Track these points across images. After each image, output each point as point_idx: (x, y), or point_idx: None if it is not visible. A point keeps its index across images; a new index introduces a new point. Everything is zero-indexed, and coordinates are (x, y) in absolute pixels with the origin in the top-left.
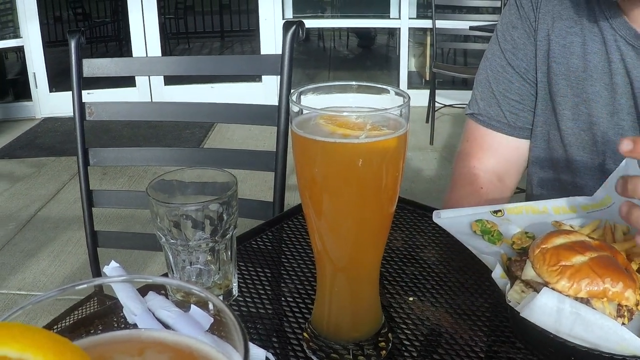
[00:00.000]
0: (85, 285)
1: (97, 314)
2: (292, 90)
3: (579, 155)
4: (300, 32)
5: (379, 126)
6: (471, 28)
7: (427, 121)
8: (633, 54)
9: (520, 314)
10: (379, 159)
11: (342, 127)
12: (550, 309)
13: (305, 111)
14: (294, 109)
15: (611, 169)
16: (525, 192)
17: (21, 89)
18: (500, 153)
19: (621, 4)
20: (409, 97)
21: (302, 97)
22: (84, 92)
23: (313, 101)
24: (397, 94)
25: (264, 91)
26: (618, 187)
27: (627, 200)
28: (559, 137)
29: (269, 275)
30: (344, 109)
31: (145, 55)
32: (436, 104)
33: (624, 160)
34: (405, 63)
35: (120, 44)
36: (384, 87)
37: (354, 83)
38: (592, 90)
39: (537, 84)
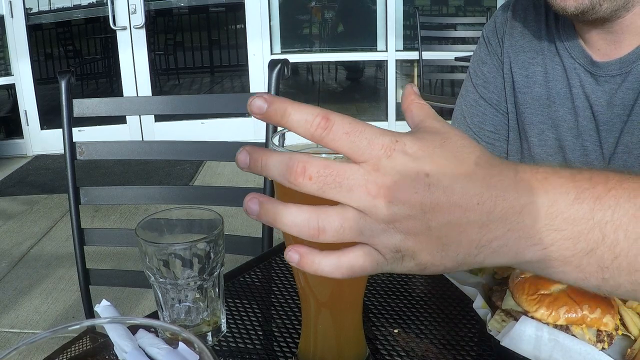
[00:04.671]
0: (77, 326)
1: (89, 352)
2: (277, 131)
3: None
4: (286, 70)
5: None
6: (456, 59)
7: None
8: (591, 79)
9: (501, 343)
10: None
11: None
12: (529, 337)
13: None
14: (276, 150)
15: None
16: None
17: (13, 127)
18: None
19: (578, 29)
20: None
21: (286, 136)
22: (75, 130)
23: (296, 140)
24: None
25: (253, 126)
26: (241, 160)
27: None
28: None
29: (257, 311)
30: (323, 149)
31: (135, 92)
32: None
33: None
34: (394, 95)
35: (110, 81)
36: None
37: None
38: (557, 116)
39: (508, 114)
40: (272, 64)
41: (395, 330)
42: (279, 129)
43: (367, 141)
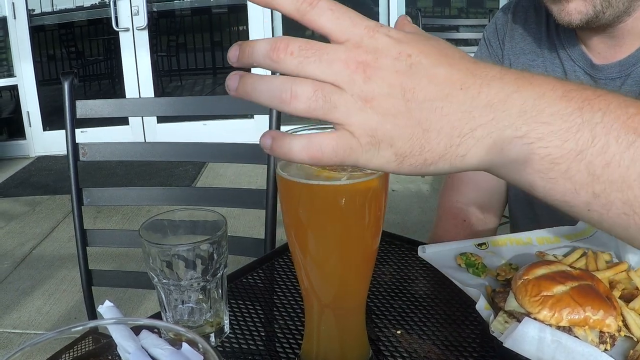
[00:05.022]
0: (80, 327)
1: (93, 353)
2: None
3: None
4: None
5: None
6: None
7: None
8: (591, 82)
9: (504, 344)
10: (361, 199)
11: (325, 169)
12: (532, 338)
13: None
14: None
15: None
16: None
17: (15, 128)
18: (480, 186)
19: (579, 33)
20: None
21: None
22: (77, 131)
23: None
24: None
25: (256, 127)
26: (232, 54)
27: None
28: None
29: (260, 312)
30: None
31: (137, 93)
32: None
33: None
34: None
35: (113, 82)
36: None
37: None
38: None
39: None
40: None
41: (398, 332)
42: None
43: (351, 20)
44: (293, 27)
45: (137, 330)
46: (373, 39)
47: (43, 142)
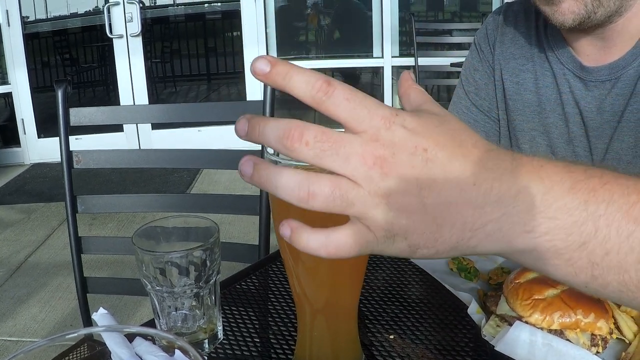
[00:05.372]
0: (74, 335)
1: None
2: None
3: None
4: None
5: None
6: (452, 65)
7: None
8: (580, 85)
9: (495, 348)
10: None
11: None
12: (523, 342)
13: (280, 162)
14: (271, 159)
15: None
16: None
17: (10, 135)
18: None
19: (568, 37)
20: None
21: None
22: (72, 138)
23: None
24: None
25: None
26: (239, 128)
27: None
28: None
29: (253, 317)
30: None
31: (132, 100)
32: None
33: None
34: (390, 101)
35: (107, 89)
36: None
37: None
38: (548, 122)
39: (500, 121)
40: None
41: (391, 336)
42: None
43: (367, 110)
44: (287, 37)
45: (131, 337)
46: (390, 131)
47: (38, 149)
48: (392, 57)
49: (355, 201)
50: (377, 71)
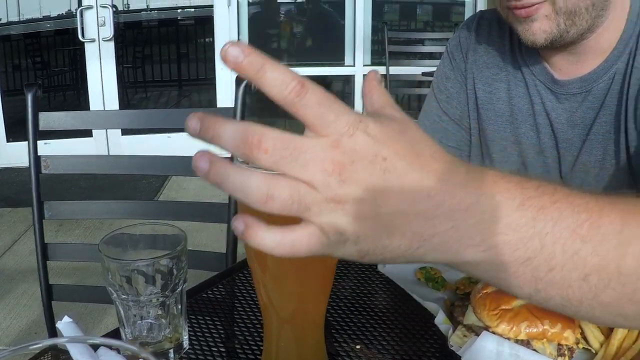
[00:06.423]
0: (38, 345)
1: None
2: None
3: None
4: (252, 86)
5: None
6: (423, 74)
7: None
8: (552, 97)
9: (462, 358)
10: None
11: None
12: (490, 352)
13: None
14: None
15: None
16: None
17: None
18: None
19: (541, 52)
20: None
21: None
22: (40, 142)
23: None
24: None
25: None
26: (191, 126)
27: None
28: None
29: (219, 327)
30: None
31: (102, 104)
32: None
33: None
34: (361, 109)
35: (78, 93)
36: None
37: None
38: (519, 132)
39: (471, 130)
40: (238, 81)
41: (358, 346)
42: None
43: (335, 116)
44: (260, 44)
45: (95, 347)
46: (352, 137)
47: (6, 153)
48: (364, 65)
49: (312, 206)
50: (349, 79)
